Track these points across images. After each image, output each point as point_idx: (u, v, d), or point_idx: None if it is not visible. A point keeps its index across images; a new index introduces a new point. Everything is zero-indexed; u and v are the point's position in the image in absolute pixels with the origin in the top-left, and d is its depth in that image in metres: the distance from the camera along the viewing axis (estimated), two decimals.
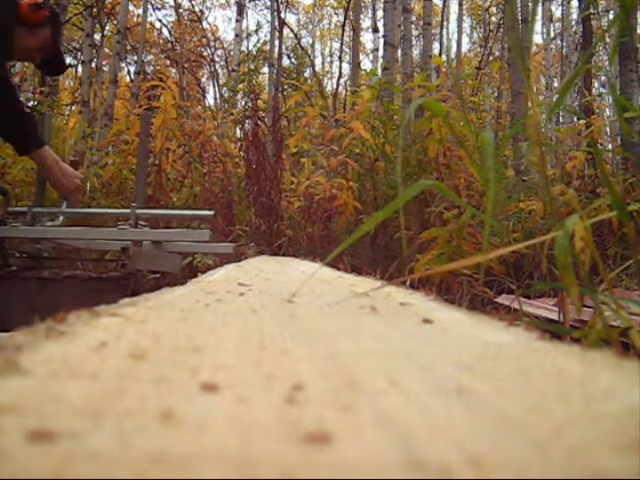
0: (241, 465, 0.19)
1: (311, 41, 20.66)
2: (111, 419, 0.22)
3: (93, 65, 10.81)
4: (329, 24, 21.40)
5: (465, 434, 0.22)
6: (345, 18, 10.39)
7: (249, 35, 17.59)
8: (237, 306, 0.62)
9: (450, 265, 0.96)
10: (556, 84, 14.83)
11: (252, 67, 12.63)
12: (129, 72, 15.95)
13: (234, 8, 15.38)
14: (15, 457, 0.18)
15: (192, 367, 0.31)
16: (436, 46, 14.66)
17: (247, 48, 16.80)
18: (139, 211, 2.17)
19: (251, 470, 0.18)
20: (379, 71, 7.20)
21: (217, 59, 18.05)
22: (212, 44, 17.65)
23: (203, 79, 18.40)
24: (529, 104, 0.82)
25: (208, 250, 2.72)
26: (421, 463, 0.19)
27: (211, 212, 2.37)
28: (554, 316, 1.47)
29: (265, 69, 12.95)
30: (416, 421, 0.24)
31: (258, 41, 16.87)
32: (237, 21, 13.85)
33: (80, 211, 2.48)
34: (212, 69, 17.60)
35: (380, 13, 11.77)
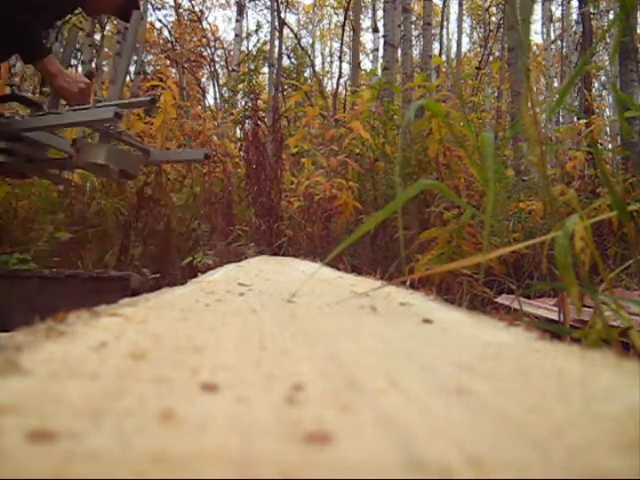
0: (241, 465, 0.19)
1: (311, 41, 20.68)
2: (111, 419, 0.22)
3: (93, 65, 10.81)
4: (329, 24, 21.42)
5: (465, 434, 0.22)
6: (345, 18, 10.40)
7: (249, 35, 17.61)
8: (237, 306, 0.62)
9: (450, 265, 0.96)
10: (556, 84, 14.84)
11: (252, 67, 12.65)
12: (129, 72, 15.93)
13: (234, 8, 15.41)
14: (15, 457, 0.18)
15: (192, 367, 0.31)
16: (436, 46, 14.67)
17: (247, 48, 16.82)
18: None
19: (251, 470, 0.18)
20: (379, 71, 7.20)
21: (217, 59, 18.06)
22: (212, 44, 17.65)
23: (203, 79, 18.40)
24: (529, 104, 0.82)
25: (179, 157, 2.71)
26: (421, 463, 0.19)
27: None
28: (554, 316, 1.47)
29: (265, 69, 12.95)
30: (416, 421, 0.24)
31: (258, 41, 16.90)
32: (237, 21, 13.86)
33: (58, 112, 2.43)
34: (212, 69, 17.61)
35: (380, 13, 11.77)
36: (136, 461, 0.19)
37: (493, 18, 16.29)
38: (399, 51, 7.16)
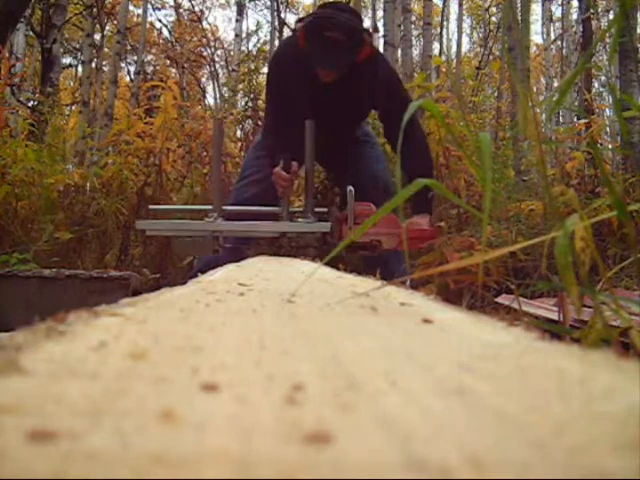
0: (241, 465, 0.19)
1: None
2: (111, 419, 0.22)
3: (93, 65, 10.81)
4: None
5: (465, 434, 0.22)
6: None
7: (249, 35, 17.63)
8: (237, 306, 0.61)
9: (449, 265, 0.96)
10: (556, 84, 14.84)
11: (252, 67, 12.62)
12: (129, 72, 15.95)
13: (234, 8, 15.43)
14: (15, 457, 0.18)
15: (192, 367, 0.31)
16: (436, 46, 14.68)
17: (247, 48, 16.82)
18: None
19: (251, 470, 0.18)
20: None
21: (217, 59, 18.06)
22: (212, 44, 17.64)
23: (203, 79, 18.41)
24: (528, 104, 0.82)
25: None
26: (421, 463, 0.19)
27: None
28: (554, 316, 1.47)
29: (265, 69, 12.94)
30: (416, 421, 0.24)
31: (258, 41, 16.91)
32: (237, 21, 13.88)
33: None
34: (212, 69, 17.60)
35: (380, 13, 11.77)
36: (136, 461, 0.19)
37: (493, 18, 16.29)
38: (399, 51, 7.15)
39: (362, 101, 2.57)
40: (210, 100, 17.16)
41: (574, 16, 14.01)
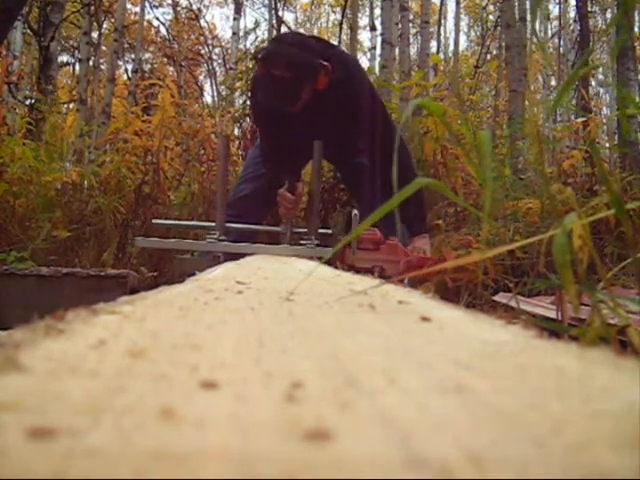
0: (241, 463, 0.19)
1: None
2: (111, 417, 0.22)
3: (91, 63, 10.79)
4: (327, 22, 21.42)
5: (464, 431, 0.22)
6: (342, 16, 10.38)
7: (247, 33, 17.62)
8: (235, 304, 0.61)
9: (447, 264, 0.96)
10: (553, 82, 14.84)
11: (250, 65, 12.62)
12: (126, 70, 15.92)
13: (232, 6, 15.44)
14: (15, 454, 0.18)
15: (191, 365, 0.31)
16: (433, 44, 14.66)
17: (245, 46, 16.80)
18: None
19: (251, 467, 0.18)
20: (377, 69, 7.19)
21: (215, 57, 18.03)
22: (210, 42, 17.63)
23: (200, 77, 18.39)
24: (526, 102, 0.82)
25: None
26: (420, 460, 0.19)
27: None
28: (552, 314, 1.47)
29: None
30: (415, 418, 0.24)
31: (256, 39, 16.87)
32: (235, 19, 13.89)
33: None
34: (210, 67, 17.59)
35: (378, 11, 11.77)
36: (136, 458, 0.19)
37: (490, 17, 16.30)
38: (397, 49, 7.15)
39: (337, 125, 2.55)
40: (208, 98, 17.15)
41: (572, 14, 14.03)
